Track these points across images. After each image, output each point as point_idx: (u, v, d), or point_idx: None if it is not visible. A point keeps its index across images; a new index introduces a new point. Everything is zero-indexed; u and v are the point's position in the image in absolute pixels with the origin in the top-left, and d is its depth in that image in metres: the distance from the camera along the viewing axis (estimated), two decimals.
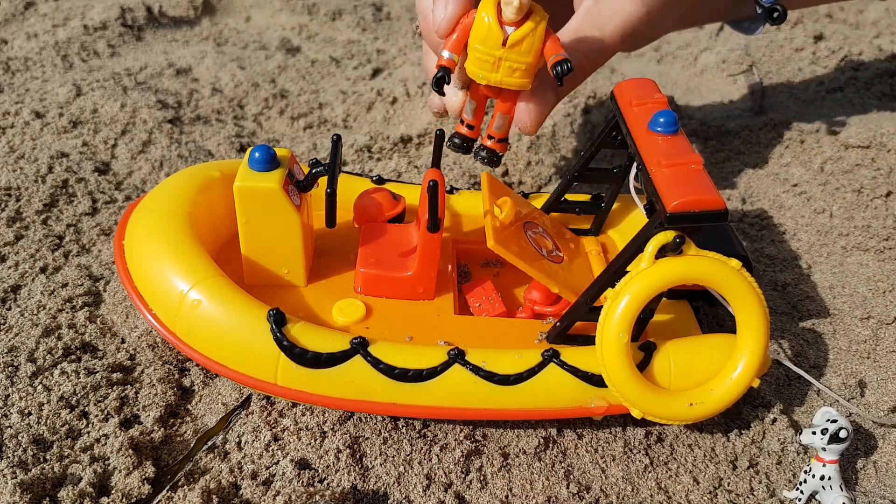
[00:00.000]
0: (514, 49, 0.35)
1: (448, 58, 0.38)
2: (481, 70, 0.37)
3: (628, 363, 0.34)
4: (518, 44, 0.35)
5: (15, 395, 0.36)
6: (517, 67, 0.36)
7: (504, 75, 0.36)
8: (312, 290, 0.40)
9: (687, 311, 0.42)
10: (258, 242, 0.38)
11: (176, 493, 0.33)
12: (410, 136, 0.61)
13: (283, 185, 0.37)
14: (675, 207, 0.31)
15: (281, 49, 0.78)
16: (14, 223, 0.48)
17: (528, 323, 0.39)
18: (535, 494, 0.35)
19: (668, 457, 0.37)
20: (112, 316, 0.42)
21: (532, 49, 0.36)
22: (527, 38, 0.35)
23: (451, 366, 0.34)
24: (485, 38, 0.36)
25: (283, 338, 0.34)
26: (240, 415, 0.37)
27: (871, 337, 0.45)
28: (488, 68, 0.36)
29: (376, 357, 0.34)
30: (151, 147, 0.58)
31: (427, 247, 0.38)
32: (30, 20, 0.78)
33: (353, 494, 0.34)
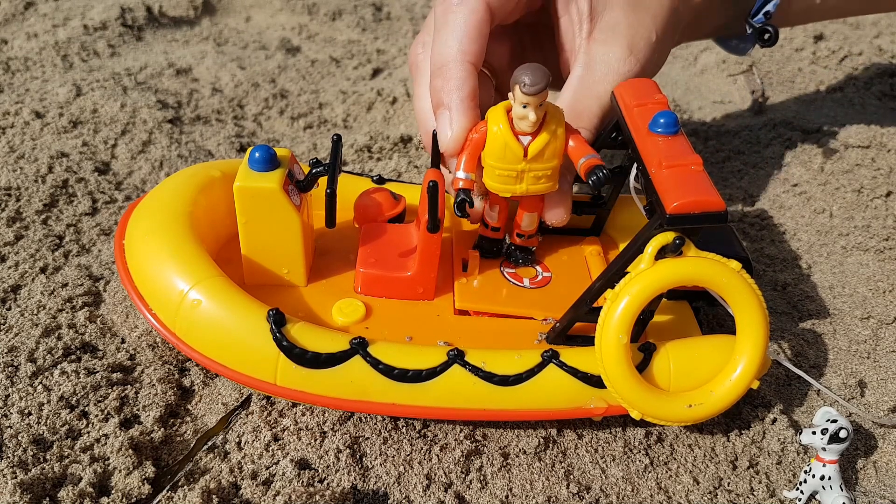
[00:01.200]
0: (537, 160, 0.34)
1: (465, 178, 0.36)
2: (504, 185, 0.35)
3: (627, 364, 0.34)
4: (540, 154, 0.34)
5: (15, 395, 0.36)
6: (542, 175, 0.35)
7: (529, 184, 0.35)
8: (312, 289, 0.40)
9: (687, 312, 0.42)
10: (258, 242, 0.38)
11: (176, 493, 0.33)
12: (410, 136, 0.61)
13: (284, 185, 0.37)
14: (675, 209, 0.31)
15: (281, 49, 0.78)
16: (14, 223, 0.48)
17: (528, 323, 0.39)
18: (535, 494, 0.35)
19: (668, 457, 0.37)
20: (112, 316, 0.42)
21: (556, 154, 0.34)
22: (549, 145, 0.34)
23: (451, 366, 0.34)
24: (503, 154, 0.34)
25: (283, 338, 0.34)
26: (240, 415, 0.37)
27: (871, 337, 0.45)
28: (511, 182, 0.35)
29: (376, 357, 0.34)
30: (151, 147, 0.58)
31: (427, 247, 0.38)
32: (30, 20, 0.78)
33: (353, 494, 0.34)
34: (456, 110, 0.36)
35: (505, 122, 0.34)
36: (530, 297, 0.40)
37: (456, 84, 0.36)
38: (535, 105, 0.32)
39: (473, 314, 0.40)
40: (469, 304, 0.39)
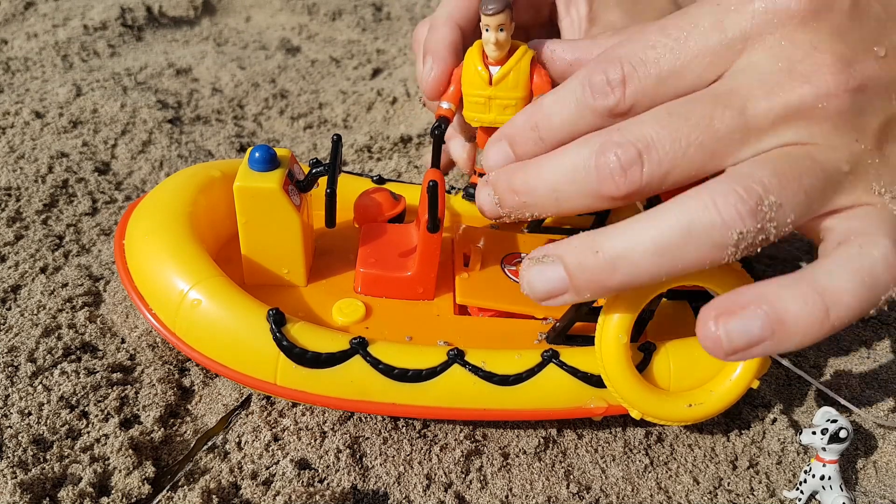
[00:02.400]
0: (501, 85, 0.36)
1: (446, 108, 0.38)
2: (475, 113, 0.38)
3: (627, 364, 0.34)
4: (503, 79, 0.36)
5: (15, 395, 0.36)
6: (507, 104, 0.37)
7: (496, 114, 0.37)
8: (312, 289, 0.40)
9: (688, 313, 0.42)
10: (258, 242, 0.38)
11: (176, 493, 0.33)
12: (410, 136, 0.61)
13: (284, 185, 0.37)
14: None
15: (281, 49, 0.78)
16: (14, 223, 0.48)
17: (528, 323, 0.39)
18: (535, 494, 0.35)
19: (668, 457, 0.37)
20: (112, 316, 0.42)
21: (518, 83, 0.36)
22: (511, 72, 0.36)
23: (451, 366, 0.34)
24: (472, 80, 0.37)
25: (283, 338, 0.34)
26: (240, 415, 0.37)
27: (871, 337, 0.45)
28: (481, 110, 0.37)
29: (376, 357, 0.34)
30: (151, 147, 0.58)
31: (427, 247, 0.38)
32: (30, 20, 0.78)
33: (353, 494, 0.34)
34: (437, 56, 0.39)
35: (478, 53, 0.37)
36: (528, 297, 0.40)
37: (441, 36, 0.39)
38: (495, 27, 0.35)
39: (473, 312, 0.40)
40: (469, 299, 0.39)
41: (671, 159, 0.28)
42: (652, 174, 0.28)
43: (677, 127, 0.28)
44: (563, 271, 0.29)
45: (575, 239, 0.29)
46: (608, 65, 0.30)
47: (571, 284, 0.29)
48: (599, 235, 0.29)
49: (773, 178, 0.27)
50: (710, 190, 0.27)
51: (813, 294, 0.26)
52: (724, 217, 0.27)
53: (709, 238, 0.27)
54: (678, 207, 0.28)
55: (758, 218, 0.27)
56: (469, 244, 0.42)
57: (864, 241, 0.27)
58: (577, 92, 0.31)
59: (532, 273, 0.30)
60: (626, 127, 0.29)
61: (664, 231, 0.27)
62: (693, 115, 0.28)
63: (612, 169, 0.29)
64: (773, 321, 0.26)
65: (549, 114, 0.32)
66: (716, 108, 0.28)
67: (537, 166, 0.31)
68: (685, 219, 0.27)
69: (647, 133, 0.28)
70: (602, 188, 0.29)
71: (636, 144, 0.28)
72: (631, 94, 0.30)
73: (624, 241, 0.28)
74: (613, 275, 0.28)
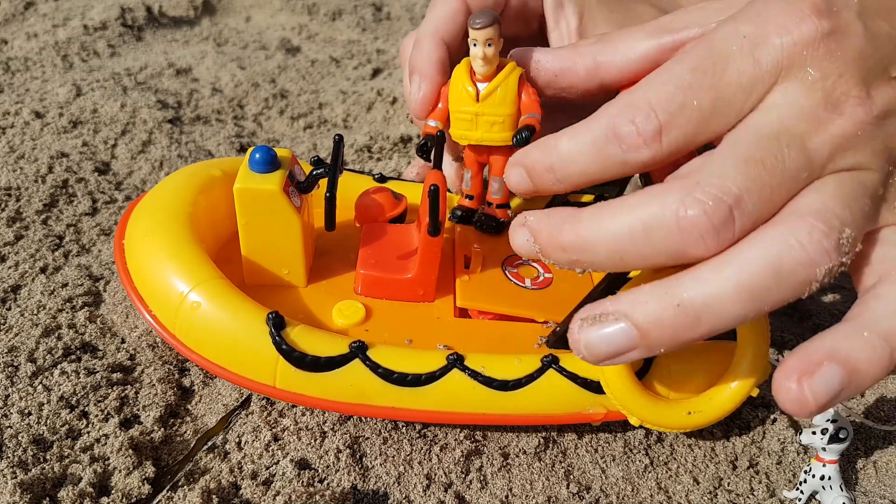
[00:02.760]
0: (488, 102, 0.36)
1: (433, 125, 0.38)
2: (462, 130, 0.37)
3: (627, 371, 0.34)
4: (490, 95, 0.36)
5: (15, 395, 0.36)
6: (495, 121, 0.36)
7: (483, 131, 0.37)
8: (312, 290, 0.40)
9: None
10: (258, 243, 0.38)
11: (176, 493, 0.33)
12: (410, 136, 0.61)
13: (284, 186, 0.37)
14: None
15: (281, 49, 0.78)
16: (14, 223, 0.48)
17: (528, 326, 0.39)
18: (535, 494, 0.35)
19: (668, 457, 0.37)
20: (112, 316, 0.42)
21: (506, 100, 0.36)
22: (498, 88, 0.35)
23: (450, 370, 0.34)
24: (460, 96, 0.36)
25: (282, 341, 0.34)
26: (240, 415, 0.37)
27: None
28: (467, 126, 0.37)
29: (375, 361, 0.34)
30: (151, 147, 0.58)
31: (428, 250, 0.38)
32: (30, 20, 0.78)
33: (353, 494, 0.34)
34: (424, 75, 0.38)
35: (465, 70, 0.36)
36: (531, 298, 0.40)
37: (426, 54, 0.39)
38: (483, 41, 0.35)
39: (474, 315, 0.40)
40: (470, 302, 0.39)
41: (759, 209, 0.27)
42: (743, 227, 0.27)
43: (758, 175, 0.27)
44: (632, 329, 0.27)
45: (642, 293, 0.27)
46: (636, 113, 0.28)
47: (643, 342, 0.27)
48: (676, 286, 0.27)
49: (846, 211, 0.27)
50: (790, 228, 0.26)
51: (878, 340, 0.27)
52: (812, 255, 0.26)
53: (797, 278, 0.26)
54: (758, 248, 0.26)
55: (841, 252, 0.26)
56: (470, 246, 0.42)
57: None
58: (600, 143, 0.28)
59: (591, 335, 0.28)
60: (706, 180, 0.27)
61: (751, 276, 0.26)
62: (767, 160, 0.27)
63: (702, 229, 0.26)
64: (849, 372, 0.26)
65: (566, 161, 0.30)
66: (781, 150, 0.27)
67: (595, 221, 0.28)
68: (772, 261, 0.26)
69: (731, 186, 0.26)
70: (688, 248, 0.27)
71: (726, 200, 0.26)
72: (669, 145, 0.28)
73: (706, 291, 0.26)
74: (697, 327, 0.27)
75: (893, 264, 0.28)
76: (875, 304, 0.28)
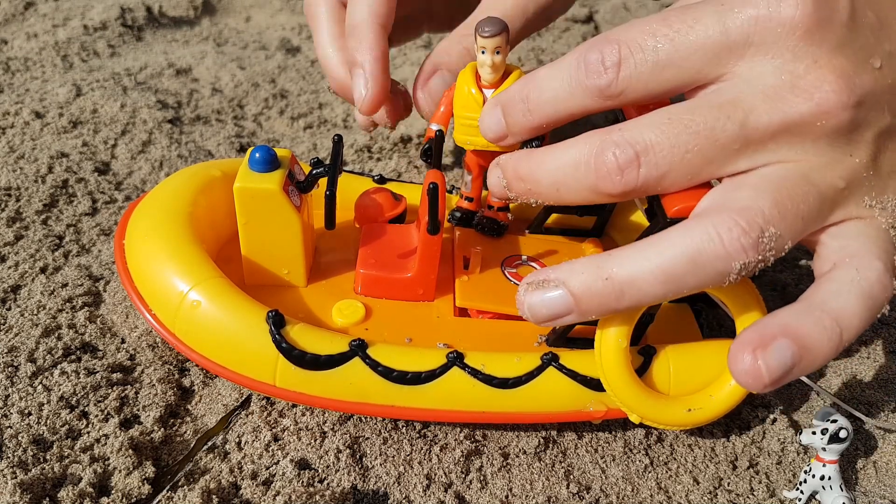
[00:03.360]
0: None
1: (436, 129, 0.39)
2: (467, 136, 0.37)
3: (627, 368, 0.34)
4: None
5: (15, 395, 0.36)
6: None
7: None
8: (312, 290, 0.40)
9: (688, 316, 0.41)
10: (258, 243, 0.38)
11: (176, 493, 0.33)
12: (410, 136, 0.61)
13: (284, 186, 0.37)
14: (676, 212, 0.31)
15: (281, 49, 0.78)
16: (14, 223, 0.48)
17: (528, 326, 0.39)
18: (535, 494, 0.35)
19: (668, 457, 0.37)
20: (112, 316, 0.42)
21: None
22: None
23: (450, 369, 0.34)
24: (466, 103, 0.36)
25: (282, 339, 0.34)
26: (240, 415, 0.37)
27: (871, 337, 0.45)
28: (473, 132, 0.37)
29: (375, 359, 0.34)
30: (151, 147, 0.58)
31: (427, 249, 0.38)
32: (30, 20, 0.78)
33: (353, 494, 0.34)
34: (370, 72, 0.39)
35: (471, 75, 0.37)
36: None
37: (368, 45, 0.39)
38: (492, 49, 0.35)
39: (473, 314, 0.40)
40: (469, 302, 0.39)
41: (668, 163, 0.29)
42: (648, 176, 0.29)
43: (677, 133, 0.28)
44: (567, 296, 0.30)
45: (579, 264, 0.30)
46: (606, 45, 0.30)
47: (577, 308, 0.30)
48: (605, 261, 0.29)
49: (774, 210, 0.28)
50: (714, 222, 0.28)
51: (829, 320, 0.28)
52: (729, 250, 0.28)
53: (712, 268, 0.28)
54: (683, 237, 0.28)
55: (759, 249, 0.28)
56: (469, 247, 0.42)
57: (860, 265, 0.29)
58: (571, 68, 0.31)
59: (533, 298, 0.31)
60: (627, 128, 0.29)
61: (670, 260, 0.28)
62: (694, 123, 0.28)
63: (609, 168, 0.29)
64: (801, 348, 0.28)
65: (541, 87, 0.32)
66: (718, 118, 0.28)
67: (541, 158, 0.32)
68: (691, 249, 0.28)
69: (646, 136, 0.29)
70: (599, 185, 0.30)
71: (634, 146, 0.29)
72: (624, 78, 0.30)
73: (631, 269, 0.29)
74: (621, 299, 0.29)
75: (849, 253, 0.29)
76: (827, 286, 0.29)
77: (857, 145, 0.29)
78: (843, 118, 0.28)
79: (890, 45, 0.29)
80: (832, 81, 0.28)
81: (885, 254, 0.29)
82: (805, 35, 0.28)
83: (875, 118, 0.29)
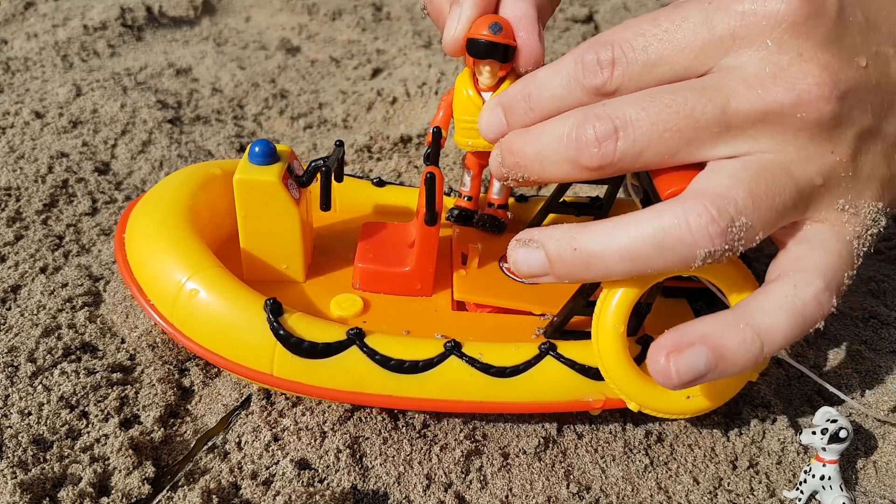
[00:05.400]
0: None
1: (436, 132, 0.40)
2: (467, 138, 0.38)
3: (624, 355, 0.34)
4: None
5: (15, 395, 0.36)
6: None
7: None
8: (311, 285, 0.40)
9: (686, 311, 0.42)
10: (257, 237, 0.38)
11: (176, 493, 0.33)
12: (410, 136, 0.61)
13: (283, 178, 0.37)
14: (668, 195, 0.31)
15: (281, 49, 0.78)
16: (14, 223, 0.48)
17: (526, 319, 0.39)
18: (535, 494, 0.35)
19: (668, 457, 0.37)
20: (112, 316, 0.42)
21: None
22: None
23: (448, 357, 0.34)
24: (465, 107, 0.37)
25: (280, 327, 0.34)
26: (240, 415, 0.37)
27: (871, 337, 0.45)
28: (473, 135, 0.37)
29: (372, 348, 0.34)
30: (151, 147, 0.58)
31: (425, 242, 0.38)
32: (30, 20, 0.78)
33: (353, 494, 0.34)
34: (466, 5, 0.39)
35: (469, 79, 0.37)
36: (528, 292, 0.40)
37: None
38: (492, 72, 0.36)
39: (471, 308, 0.40)
40: (467, 295, 0.39)
41: (646, 140, 0.29)
42: (625, 151, 0.30)
43: (658, 111, 0.29)
44: (544, 258, 0.31)
45: (557, 230, 0.31)
46: (600, 46, 0.31)
47: (552, 271, 0.31)
48: (578, 232, 0.30)
49: (748, 200, 0.28)
50: (685, 207, 0.28)
51: (751, 333, 0.29)
52: (695, 236, 0.28)
53: (677, 252, 0.29)
54: (653, 218, 0.29)
55: (727, 238, 0.28)
56: (467, 243, 0.42)
57: (800, 281, 0.30)
58: (570, 67, 0.31)
59: (518, 253, 0.32)
60: (609, 104, 0.30)
61: (636, 239, 0.29)
62: (675, 103, 0.29)
63: (587, 140, 0.30)
64: (716, 357, 0.29)
65: (541, 86, 0.32)
66: (699, 100, 0.29)
67: (530, 133, 0.33)
68: (658, 231, 0.29)
69: (626, 112, 0.29)
70: (579, 157, 0.30)
71: (614, 121, 0.29)
72: (618, 76, 0.30)
73: (598, 243, 0.30)
74: (588, 271, 0.30)
75: (796, 264, 0.30)
76: (762, 299, 0.30)
77: (838, 142, 0.29)
78: (825, 111, 0.28)
79: (876, 46, 0.29)
80: (816, 74, 0.28)
81: (832, 272, 0.30)
82: (791, 28, 0.28)
83: (858, 117, 0.29)
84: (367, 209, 0.47)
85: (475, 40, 0.35)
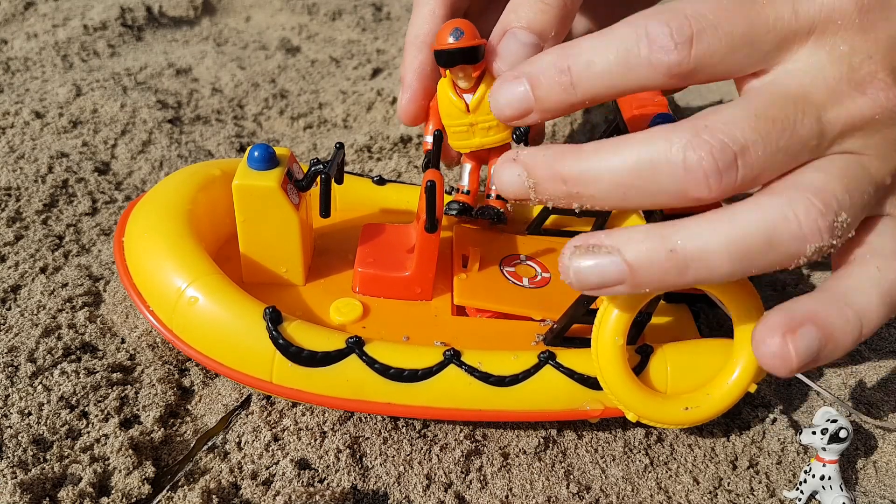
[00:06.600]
0: (479, 110, 0.37)
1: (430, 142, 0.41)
2: (460, 141, 0.38)
3: (624, 366, 0.34)
4: (480, 104, 0.36)
5: (15, 395, 0.36)
6: (489, 125, 0.37)
7: (480, 137, 0.38)
8: (311, 289, 0.40)
9: (686, 315, 0.41)
10: (257, 241, 0.38)
11: (176, 493, 0.33)
12: (410, 136, 0.61)
13: (282, 183, 0.37)
14: (671, 210, 0.31)
15: (281, 49, 0.78)
16: (14, 223, 0.48)
17: (526, 324, 0.39)
18: (535, 494, 0.35)
19: (668, 457, 0.37)
20: (112, 316, 0.42)
21: None
22: (486, 96, 0.36)
23: (447, 366, 0.34)
24: (450, 112, 0.37)
25: (279, 336, 0.34)
26: (240, 415, 0.37)
27: (871, 337, 0.45)
28: (465, 137, 0.38)
29: (371, 356, 0.34)
30: (151, 147, 0.58)
31: (425, 247, 0.38)
32: (30, 20, 0.78)
33: (353, 494, 0.34)
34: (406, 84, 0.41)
35: (449, 84, 0.37)
36: (529, 297, 0.40)
37: (408, 62, 0.41)
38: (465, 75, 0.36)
39: (471, 313, 0.40)
40: (467, 300, 0.39)
41: (762, 164, 0.27)
42: (745, 178, 0.27)
43: (768, 130, 0.27)
44: (622, 264, 0.27)
45: (638, 233, 0.27)
46: (672, 17, 0.27)
47: (630, 279, 0.27)
48: (672, 232, 0.27)
49: (846, 195, 0.27)
50: (791, 200, 0.26)
51: (852, 313, 0.28)
52: (805, 231, 0.26)
53: (786, 249, 0.26)
54: (759, 213, 0.26)
55: (834, 233, 0.27)
56: (468, 245, 0.42)
57: (882, 264, 0.29)
58: (629, 41, 0.27)
59: (582, 262, 0.28)
60: (715, 125, 0.26)
61: (745, 236, 0.26)
62: (780, 119, 0.27)
63: (706, 170, 0.26)
64: (826, 336, 0.27)
65: (589, 59, 0.28)
66: (797, 113, 0.27)
67: (601, 153, 0.28)
68: (767, 227, 0.26)
69: (739, 135, 0.26)
70: (690, 188, 0.27)
71: (732, 147, 0.26)
72: (697, 56, 0.27)
73: (700, 242, 0.27)
74: (684, 275, 0.27)
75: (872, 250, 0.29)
76: (848, 281, 0.29)
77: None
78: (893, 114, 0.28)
79: None
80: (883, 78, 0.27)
81: None
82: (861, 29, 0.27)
83: None
84: (368, 207, 0.47)
85: (440, 51, 0.35)
